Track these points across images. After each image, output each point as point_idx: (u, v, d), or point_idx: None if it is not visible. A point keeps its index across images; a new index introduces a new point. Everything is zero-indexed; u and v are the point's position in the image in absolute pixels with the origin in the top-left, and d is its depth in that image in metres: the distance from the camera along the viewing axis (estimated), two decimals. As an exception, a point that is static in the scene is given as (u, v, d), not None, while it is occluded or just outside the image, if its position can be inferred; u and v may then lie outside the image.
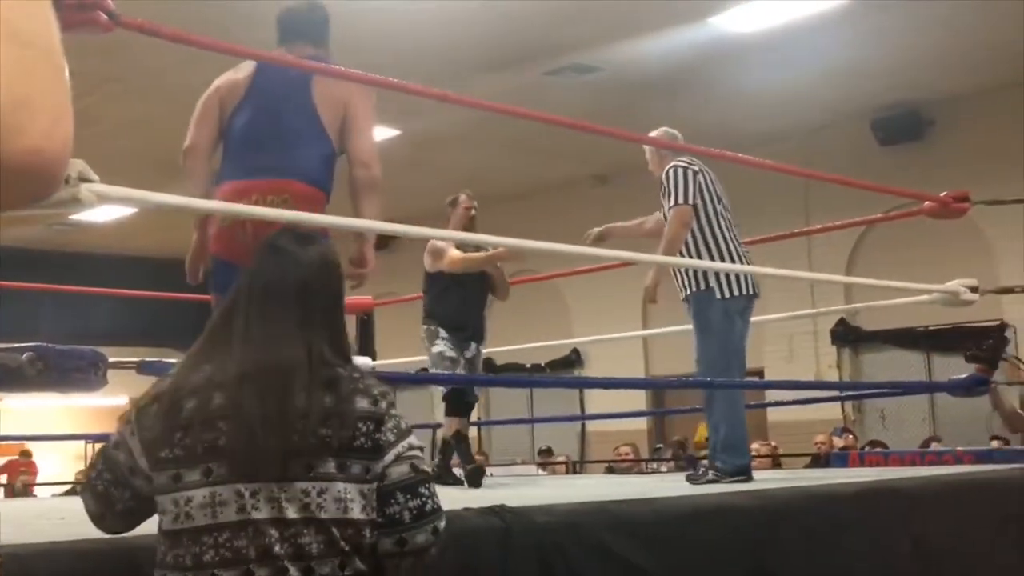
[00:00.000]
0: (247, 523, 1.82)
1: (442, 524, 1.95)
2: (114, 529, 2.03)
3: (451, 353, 5.78)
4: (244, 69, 3.68)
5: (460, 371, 5.78)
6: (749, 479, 4.80)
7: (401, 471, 1.91)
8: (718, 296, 4.93)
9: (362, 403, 1.91)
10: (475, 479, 5.45)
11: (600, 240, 5.72)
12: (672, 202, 4.97)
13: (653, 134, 5.30)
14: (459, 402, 5.86)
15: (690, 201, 4.95)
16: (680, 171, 5.00)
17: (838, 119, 11.35)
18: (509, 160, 12.26)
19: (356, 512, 1.86)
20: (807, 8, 8.54)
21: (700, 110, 10.37)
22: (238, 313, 1.98)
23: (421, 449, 1.97)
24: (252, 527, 1.82)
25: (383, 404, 1.94)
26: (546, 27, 8.84)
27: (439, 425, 6.58)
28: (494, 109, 4.71)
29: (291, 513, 1.83)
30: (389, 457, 1.90)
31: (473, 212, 6.17)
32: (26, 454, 14.62)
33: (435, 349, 5.80)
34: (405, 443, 1.93)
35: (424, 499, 1.92)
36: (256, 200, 3.37)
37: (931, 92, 10.78)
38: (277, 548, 1.81)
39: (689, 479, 4.95)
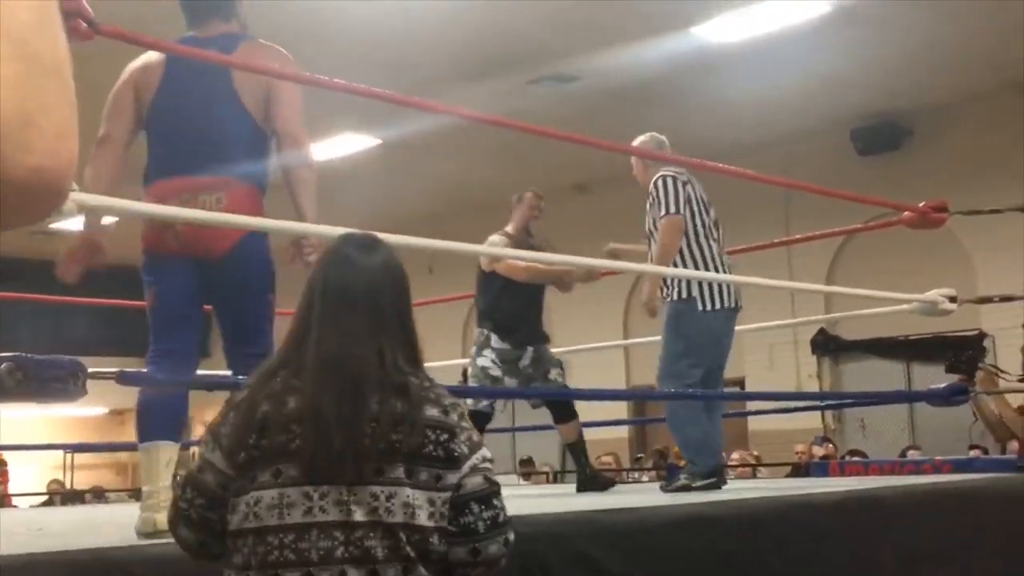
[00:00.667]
0: (312, 525, 1.85)
1: (512, 535, 1.99)
2: (220, 551, 1.97)
3: (495, 372, 5.70)
4: (156, 52, 3.52)
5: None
6: (720, 481, 4.85)
7: (476, 482, 1.94)
8: (699, 308, 4.94)
9: (432, 411, 1.93)
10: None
11: (613, 256, 5.68)
12: (663, 212, 4.98)
13: (640, 139, 5.31)
14: (557, 406, 5.85)
15: (681, 211, 4.97)
16: (669, 181, 5.01)
17: (817, 129, 11.40)
18: (489, 168, 12.26)
19: (423, 518, 1.88)
20: (787, 19, 8.59)
21: (681, 120, 10.39)
22: (310, 321, 1.99)
23: (492, 461, 2.00)
24: (317, 529, 1.84)
25: (454, 415, 1.96)
26: (527, 36, 8.86)
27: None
28: (474, 118, 4.72)
29: (358, 516, 1.85)
30: (465, 468, 1.93)
31: (537, 213, 6.03)
32: (1, 463, 14.51)
33: (480, 361, 5.74)
34: (479, 455, 1.96)
35: (497, 510, 1.96)
36: (187, 200, 3.28)
37: (909, 102, 10.85)
38: (340, 551, 1.84)
39: (662, 488, 5.01)
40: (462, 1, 8.14)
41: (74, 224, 3.74)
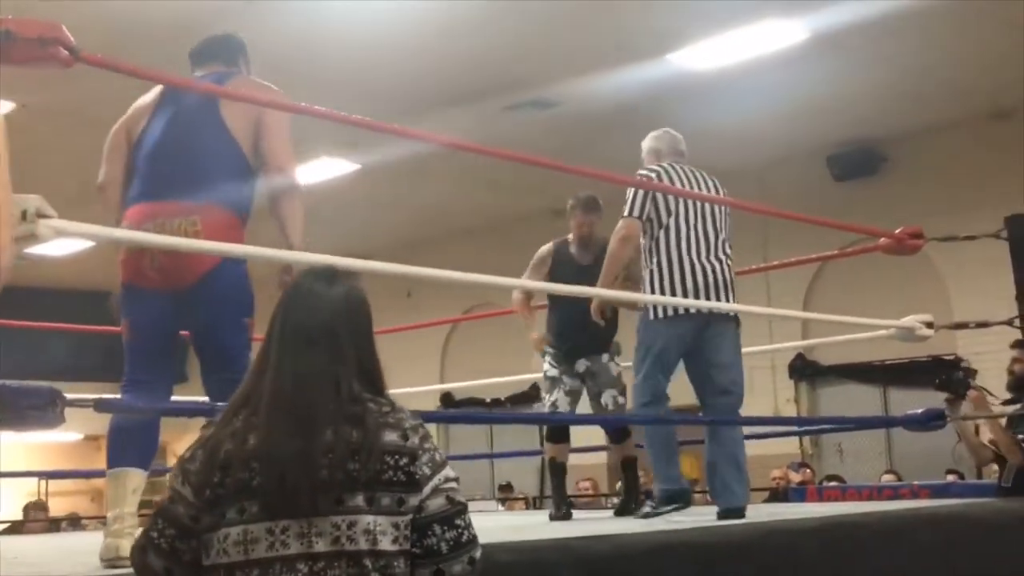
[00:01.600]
0: (276, 559, 1.87)
1: (478, 554, 1.99)
2: None
3: (552, 372, 5.69)
4: (153, 92, 3.62)
5: (563, 391, 5.66)
6: (684, 505, 4.73)
7: (438, 503, 1.95)
8: (650, 316, 4.70)
9: (390, 436, 1.95)
10: (557, 517, 5.57)
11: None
12: (623, 213, 4.80)
13: (654, 133, 5.24)
14: (551, 428, 5.84)
15: (635, 214, 4.75)
16: (637, 187, 4.81)
17: (794, 155, 11.47)
18: (468, 194, 12.28)
19: (387, 544, 1.89)
20: (764, 47, 8.65)
21: (658, 146, 10.42)
22: (269, 356, 2.02)
23: (456, 480, 2.01)
24: (280, 563, 1.87)
25: (414, 438, 1.97)
26: (506, 62, 8.89)
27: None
28: (453, 145, 4.71)
29: (321, 547, 1.87)
30: (427, 490, 1.94)
31: (585, 230, 5.89)
32: None
33: (544, 366, 5.77)
34: (441, 475, 1.97)
35: (460, 530, 1.97)
36: (162, 224, 3.28)
37: (884, 129, 10.94)
38: None
39: (634, 513, 4.87)
40: (440, 28, 8.17)
41: (51, 249, 3.73)
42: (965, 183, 10.50)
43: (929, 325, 5.41)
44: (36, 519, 11.51)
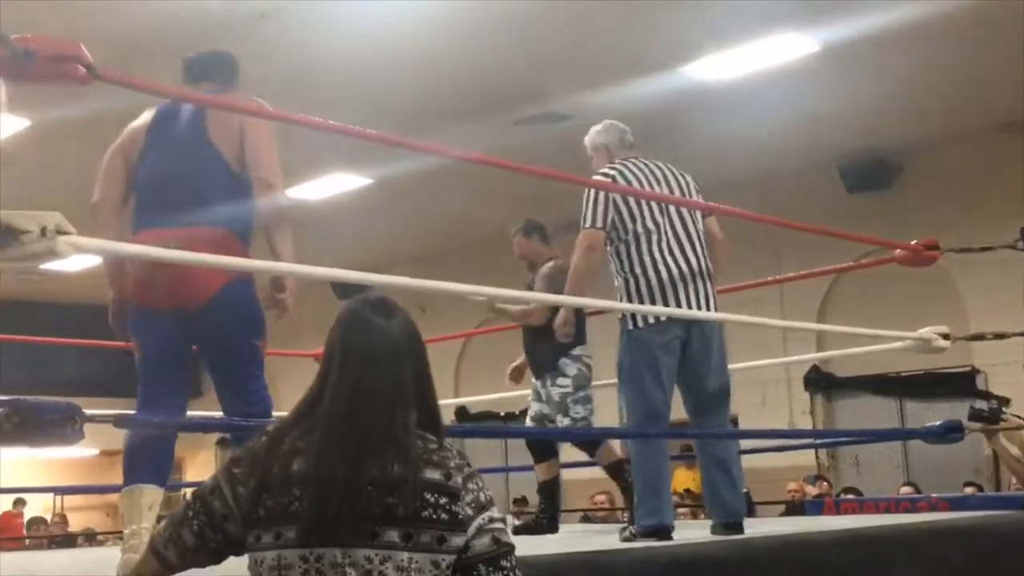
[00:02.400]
0: None
1: None
2: (204, 564, 2.08)
3: (533, 393, 5.82)
4: (145, 116, 3.68)
5: (528, 417, 5.82)
6: (665, 539, 4.03)
7: (483, 543, 1.94)
8: (629, 327, 4.37)
9: (432, 474, 1.93)
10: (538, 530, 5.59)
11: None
12: (581, 224, 4.49)
13: (596, 128, 4.98)
14: (532, 446, 5.87)
15: (600, 224, 4.44)
16: (592, 191, 4.48)
17: (807, 166, 11.45)
18: (480, 207, 12.28)
19: None
20: (777, 58, 8.64)
21: (671, 157, 10.29)
22: (327, 384, 2.01)
23: (503, 521, 2.00)
24: None
25: (458, 478, 1.95)
26: (518, 75, 8.90)
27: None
28: (465, 158, 4.69)
29: None
30: (471, 530, 1.93)
31: (518, 251, 6.26)
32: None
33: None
34: (485, 516, 1.96)
35: (506, 571, 1.95)
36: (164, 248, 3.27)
37: (898, 140, 10.91)
38: None
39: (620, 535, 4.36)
40: (452, 41, 8.18)
41: (66, 265, 3.76)
42: (980, 194, 10.47)
43: (945, 336, 5.37)
44: (36, 535, 11.52)
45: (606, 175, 4.58)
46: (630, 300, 4.40)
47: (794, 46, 8.48)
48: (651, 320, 4.32)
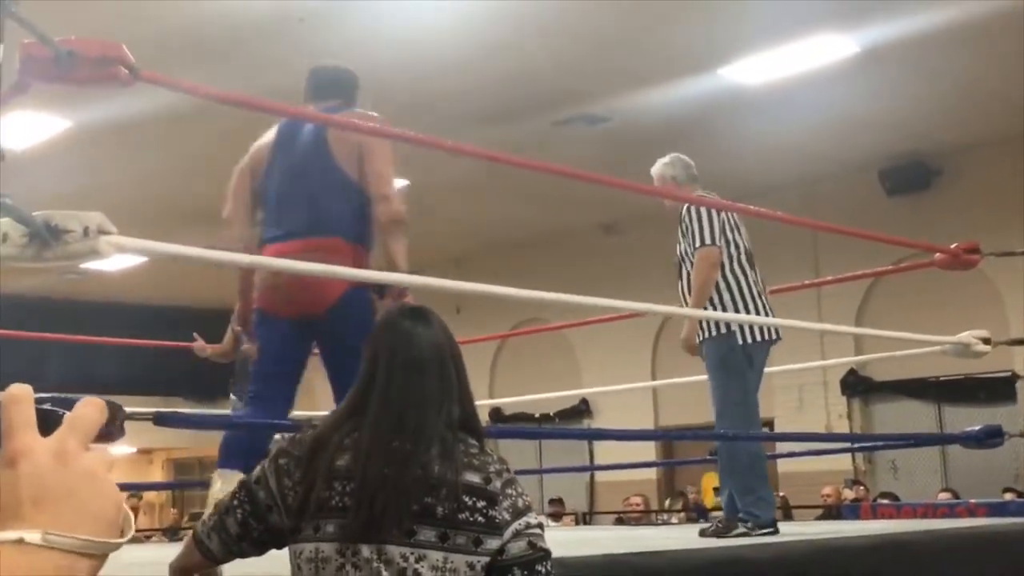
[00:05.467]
0: None
1: None
2: (248, 554, 2.12)
3: None
4: (269, 134, 3.90)
5: None
6: (776, 532, 4.58)
7: (519, 547, 1.95)
8: (739, 341, 4.73)
9: (472, 478, 1.96)
10: None
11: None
12: (698, 243, 4.77)
13: (664, 160, 5.18)
14: None
15: (716, 241, 4.75)
16: (704, 209, 4.81)
17: (846, 169, 11.38)
18: (517, 209, 12.30)
19: None
20: (815, 61, 8.60)
21: (709, 160, 10.31)
22: (373, 388, 2.06)
23: (540, 527, 2.01)
24: None
25: (496, 483, 1.97)
26: (555, 77, 8.90)
27: None
28: (502, 160, 4.72)
29: (386, 575, 1.89)
30: (507, 534, 1.95)
31: None
32: None
33: None
34: (523, 521, 1.97)
35: None
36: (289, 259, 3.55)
37: (938, 143, 10.82)
38: None
39: (715, 533, 4.60)
40: (490, 43, 8.19)
41: (107, 265, 3.86)
42: (1020, 197, 10.36)
43: (986, 341, 5.33)
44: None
45: (706, 194, 5.00)
46: (725, 309, 4.79)
47: (833, 48, 8.43)
48: (751, 339, 4.76)
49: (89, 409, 0.81)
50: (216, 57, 7.72)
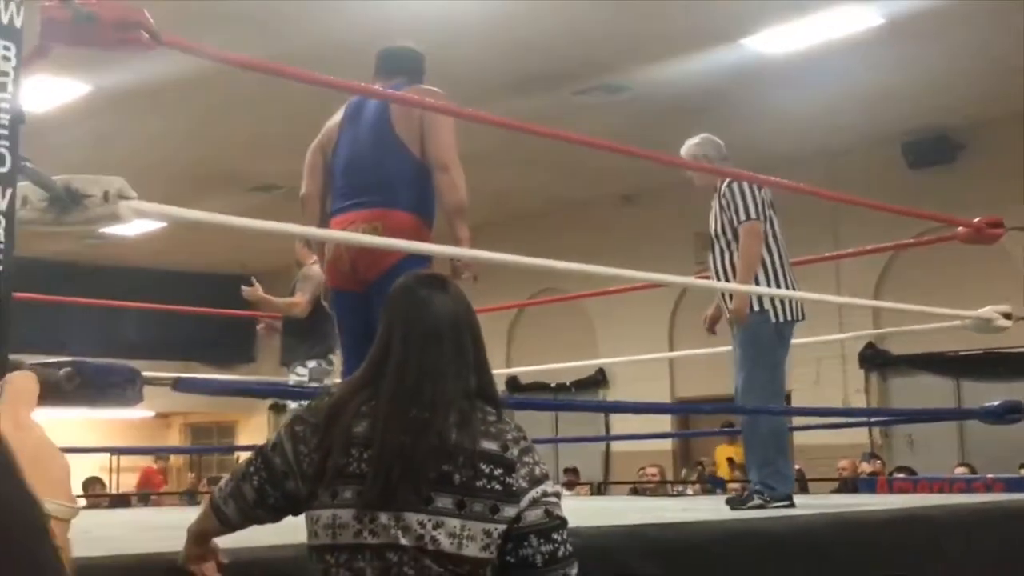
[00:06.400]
0: (363, 547, 1.91)
1: (574, 571, 1.99)
2: (264, 520, 2.13)
3: None
4: (338, 114, 4.12)
5: None
6: (792, 505, 4.60)
7: (536, 515, 1.96)
8: (772, 319, 4.76)
9: (489, 445, 1.96)
10: None
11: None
12: (743, 216, 4.77)
13: (694, 140, 5.15)
14: None
15: (759, 216, 4.77)
16: (745, 184, 4.83)
17: (868, 141, 11.30)
18: (536, 179, 12.26)
19: (473, 550, 1.90)
20: (839, 32, 8.52)
21: (730, 131, 10.20)
22: (390, 356, 2.05)
23: (557, 496, 2.02)
24: (368, 551, 1.91)
25: (514, 450, 1.98)
26: (576, 47, 8.85)
27: None
28: (523, 129, 4.70)
29: (405, 542, 1.90)
30: (524, 502, 1.95)
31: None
32: None
33: None
34: (540, 489, 1.98)
35: (557, 544, 1.96)
36: (352, 230, 3.77)
37: (961, 116, 10.73)
38: (395, 571, 1.89)
39: (731, 504, 4.67)
40: (510, 12, 8.14)
41: (126, 230, 3.91)
42: (1044, 172, 10.27)
43: (1008, 316, 5.29)
44: (95, 494, 11.76)
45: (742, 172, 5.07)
46: (768, 284, 4.83)
47: (858, 19, 8.35)
48: (783, 317, 4.81)
49: (26, 380, 0.83)
50: (238, 23, 7.69)
